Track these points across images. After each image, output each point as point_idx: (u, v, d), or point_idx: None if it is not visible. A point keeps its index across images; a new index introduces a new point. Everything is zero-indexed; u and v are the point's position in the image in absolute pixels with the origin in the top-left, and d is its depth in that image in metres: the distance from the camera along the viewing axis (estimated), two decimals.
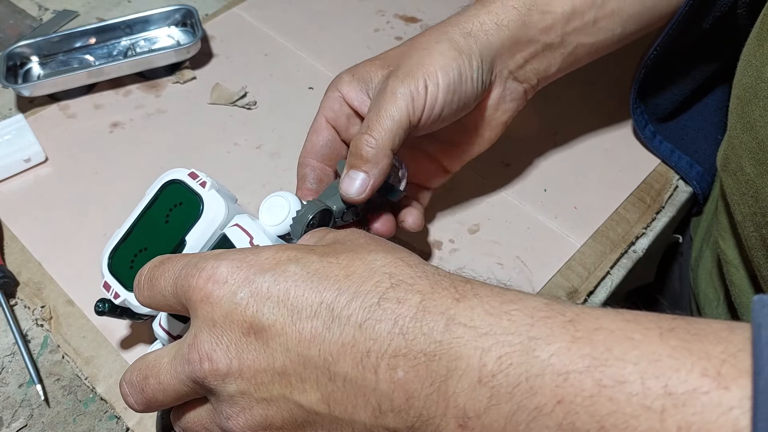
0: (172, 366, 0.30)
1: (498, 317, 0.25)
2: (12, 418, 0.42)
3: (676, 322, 0.23)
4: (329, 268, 0.28)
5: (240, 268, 0.29)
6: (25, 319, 0.47)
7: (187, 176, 0.38)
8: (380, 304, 0.26)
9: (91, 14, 0.69)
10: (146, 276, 0.32)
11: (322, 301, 0.27)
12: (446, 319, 0.25)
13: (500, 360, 0.24)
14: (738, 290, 0.45)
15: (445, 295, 0.26)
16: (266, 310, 0.28)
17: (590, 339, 0.23)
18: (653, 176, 0.55)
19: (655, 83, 0.53)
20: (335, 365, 0.26)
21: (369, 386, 0.26)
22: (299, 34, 0.67)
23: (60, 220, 0.52)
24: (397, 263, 0.28)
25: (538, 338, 0.24)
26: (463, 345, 0.25)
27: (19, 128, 0.56)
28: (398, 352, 0.25)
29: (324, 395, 0.27)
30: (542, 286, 0.48)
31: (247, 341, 0.28)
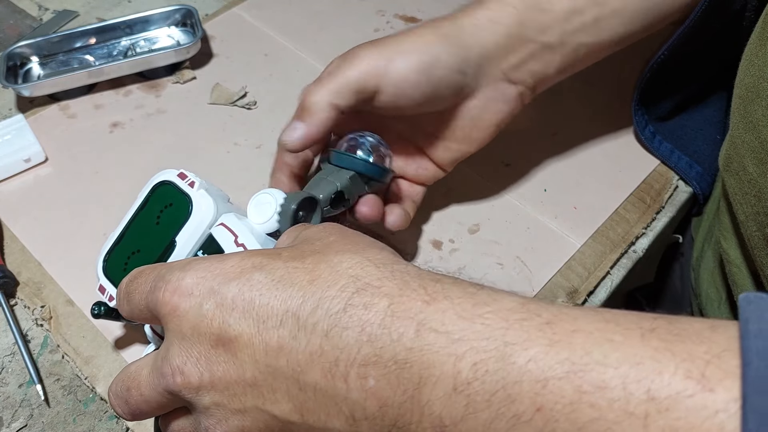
0: (149, 379, 0.30)
1: (471, 321, 0.24)
2: (12, 418, 0.42)
3: (657, 322, 0.22)
4: (294, 274, 0.28)
5: (205, 278, 0.28)
6: (25, 319, 0.47)
7: (176, 177, 0.38)
8: (346, 311, 0.26)
9: (91, 14, 0.69)
10: (124, 291, 0.32)
11: (287, 309, 0.27)
12: (416, 324, 0.25)
13: (475, 367, 0.23)
14: (740, 290, 0.45)
15: (414, 298, 0.26)
16: (232, 321, 0.27)
17: (568, 342, 0.22)
18: (653, 176, 0.55)
19: (658, 85, 0.53)
20: (304, 375, 0.26)
21: (340, 395, 0.25)
22: (299, 34, 0.67)
23: (60, 220, 0.52)
24: (364, 264, 0.27)
25: (514, 343, 0.23)
26: (435, 352, 0.24)
27: (19, 128, 0.56)
28: (368, 361, 0.25)
29: (296, 405, 0.26)
30: (542, 286, 0.48)
31: (216, 353, 0.27)
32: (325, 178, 0.41)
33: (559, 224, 0.52)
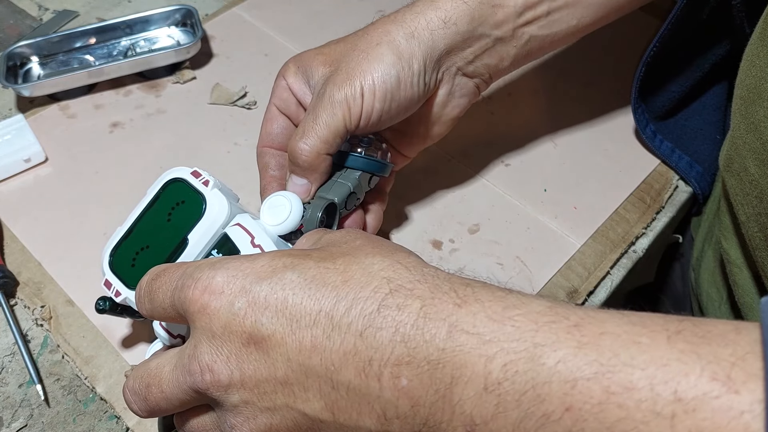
0: (173, 376, 0.30)
1: (501, 323, 0.25)
2: (12, 418, 0.42)
3: (683, 325, 0.23)
4: (326, 274, 0.28)
5: (236, 277, 0.28)
6: (25, 319, 0.47)
7: (189, 175, 0.38)
8: (380, 311, 0.26)
9: (91, 14, 0.69)
10: (145, 289, 0.32)
11: (321, 309, 0.27)
12: (448, 326, 0.25)
13: (506, 368, 0.24)
14: (741, 290, 0.45)
15: (445, 300, 0.26)
16: (265, 320, 0.27)
17: (596, 344, 0.23)
18: (653, 176, 0.55)
19: (655, 80, 0.53)
20: (338, 374, 0.26)
21: (373, 394, 0.26)
22: (299, 34, 0.67)
23: (60, 220, 0.52)
24: (395, 267, 0.28)
25: (544, 345, 0.24)
26: (467, 352, 0.24)
27: (19, 128, 0.56)
28: (401, 360, 0.25)
29: (328, 403, 0.27)
30: (542, 286, 0.48)
31: (248, 351, 0.27)
32: (336, 180, 0.42)
33: (559, 224, 0.52)
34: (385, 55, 0.40)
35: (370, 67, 0.40)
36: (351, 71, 0.40)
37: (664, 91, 0.54)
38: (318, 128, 0.39)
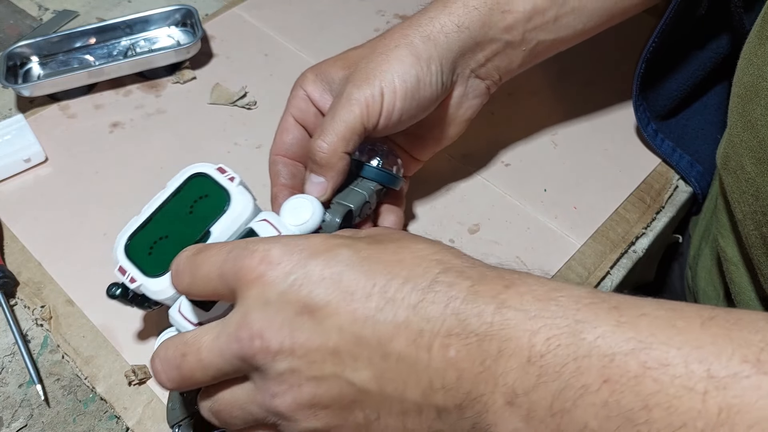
0: (215, 344, 0.30)
1: (546, 302, 0.26)
2: (12, 418, 0.42)
3: (716, 311, 0.24)
4: (379, 254, 0.29)
5: (292, 252, 0.29)
6: (25, 319, 0.47)
7: (215, 170, 0.39)
8: (432, 287, 0.27)
9: (91, 14, 0.70)
10: (186, 262, 0.32)
11: (375, 283, 0.28)
12: (497, 303, 0.26)
13: (548, 341, 0.25)
14: (738, 288, 0.45)
15: (494, 281, 0.27)
16: (320, 291, 0.28)
17: (635, 324, 0.24)
18: (653, 176, 0.55)
19: (655, 78, 0.53)
20: (389, 344, 0.27)
21: (422, 364, 0.27)
22: (299, 34, 0.67)
23: (60, 220, 0.52)
24: (444, 252, 0.30)
25: (585, 321, 0.25)
26: (513, 327, 0.26)
27: (19, 128, 0.56)
28: (451, 332, 0.26)
29: (376, 374, 0.27)
30: None
31: (301, 320, 0.28)
32: (352, 188, 0.43)
33: (559, 224, 0.52)
34: (404, 56, 0.41)
35: (390, 68, 0.41)
36: (370, 71, 0.41)
37: (664, 89, 0.54)
38: (336, 126, 0.40)
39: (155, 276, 0.37)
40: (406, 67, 0.41)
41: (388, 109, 0.41)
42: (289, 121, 0.45)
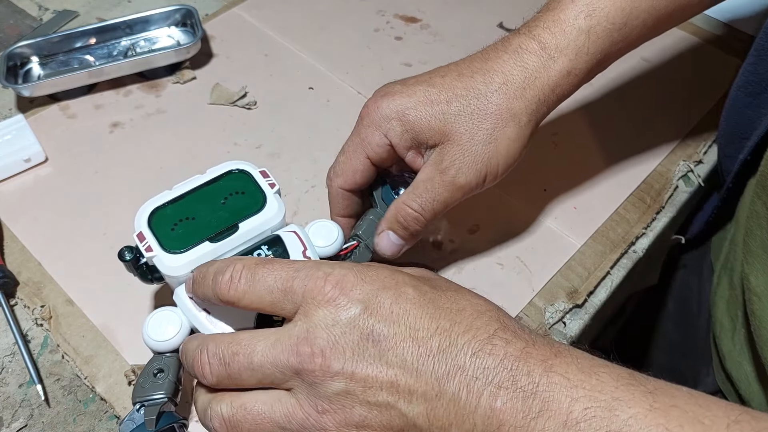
0: (271, 351, 0.31)
1: (588, 375, 0.28)
2: (12, 418, 0.42)
3: (743, 416, 0.26)
4: (441, 300, 0.31)
5: (365, 281, 0.31)
6: (25, 319, 0.47)
7: (258, 172, 0.41)
8: (491, 341, 0.29)
9: (91, 14, 0.70)
10: (245, 271, 0.33)
11: (438, 326, 0.30)
12: (545, 367, 0.28)
13: (586, 411, 0.27)
14: (759, 322, 0.43)
15: (546, 347, 0.30)
16: (387, 323, 0.30)
17: (666, 412, 0.26)
18: (653, 176, 0.55)
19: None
20: (445, 384, 0.29)
21: (470, 408, 0.28)
22: (299, 34, 0.67)
23: (60, 220, 0.52)
24: (499, 311, 0.32)
25: (621, 400, 0.27)
26: (557, 391, 0.28)
27: (19, 128, 0.56)
28: (502, 384, 0.28)
29: (428, 409, 0.29)
30: (542, 286, 0.48)
31: (365, 347, 0.30)
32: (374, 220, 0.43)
33: (559, 224, 0.52)
34: (513, 140, 0.41)
35: (498, 153, 0.40)
36: (478, 157, 0.40)
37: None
38: (437, 206, 0.41)
39: (172, 252, 0.37)
40: (513, 151, 0.41)
41: (486, 186, 0.42)
42: (364, 162, 0.42)
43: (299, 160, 0.56)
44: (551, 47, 0.41)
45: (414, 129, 0.41)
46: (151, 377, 0.37)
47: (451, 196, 0.41)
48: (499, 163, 0.41)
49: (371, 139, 0.42)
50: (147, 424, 0.35)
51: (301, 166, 0.56)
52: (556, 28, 0.41)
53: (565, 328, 0.47)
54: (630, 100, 0.60)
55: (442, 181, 0.40)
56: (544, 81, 0.41)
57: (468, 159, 0.40)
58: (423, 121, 0.40)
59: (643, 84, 0.61)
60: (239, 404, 0.32)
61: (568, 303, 0.47)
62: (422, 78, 0.42)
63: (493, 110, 0.40)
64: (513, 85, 0.40)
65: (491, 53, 0.42)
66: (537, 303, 0.47)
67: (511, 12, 0.69)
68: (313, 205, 0.52)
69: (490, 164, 0.40)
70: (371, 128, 0.42)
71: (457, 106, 0.40)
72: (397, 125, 0.41)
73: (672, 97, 0.61)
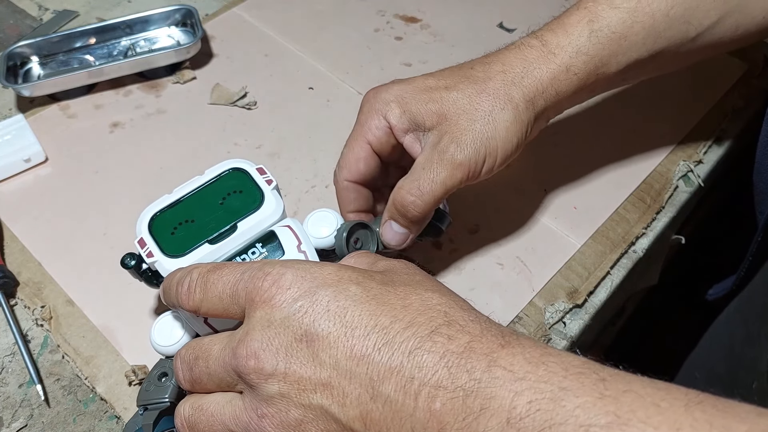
0: (220, 355, 0.31)
1: (536, 365, 0.26)
2: (12, 418, 0.42)
3: (704, 397, 0.24)
4: (387, 296, 0.30)
5: (304, 278, 0.30)
6: (25, 319, 0.47)
7: (254, 170, 0.40)
8: (431, 337, 0.28)
9: (91, 14, 0.70)
10: (199, 280, 0.33)
11: (377, 324, 0.28)
12: (489, 361, 0.27)
13: (530, 404, 0.25)
14: None
15: (491, 340, 0.28)
16: (323, 322, 0.29)
17: (617, 399, 0.24)
18: (653, 176, 0.55)
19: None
20: (379, 385, 0.27)
21: (407, 411, 0.27)
22: (299, 34, 0.67)
23: (60, 220, 0.52)
24: (451, 305, 0.30)
25: (568, 389, 0.25)
26: (499, 386, 0.26)
27: (19, 128, 0.56)
28: (440, 384, 0.26)
29: (363, 413, 0.28)
30: (542, 286, 0.48)
31: (299, 347, 0.29)
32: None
33: (559, 224, 0.52)
34: (510, 123, 0.41)
35: (496, 134, 0.40)
36: (477, 136, 0.40)
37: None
38: (436, 189, 0.40)
39: (172, 256, 0.37)
40: (511, 135, 0.41)
41: (485, 172, 0.41)
42: (365, 149, 0.43)
43: (299, 160, 0.56)
44: (552, 44, 0.42)
45: (412, 110, 0.41)
46: (156, 381, 0.37)
47: (450, 175, 0.40)
48: (498, 146, 0.41)
49: (370, 123, 0.42)
50: (144, 429, 0.35)
51: (301, 166, 0.56)
52: (560, 29, 0.42)
53: (565, 328, 0.47)
54: (630, 100, 0.60)
55: (440, 160, 0.40)
56: (542, 72, 0.41)
57: (467, 137, 0.40)
58: (421, 104, 0.41)
59: (643, 84, 0.61)
60: (198, 405, 0.32)
61: (568, 303, 0.47)
62: (421, 75, 0.43)
63: (491, 93, 0.41)
64: (511, 72, 0.41)
65: (493, 52, 0.44)
66: (537, 303, 0.47)
67: (511, 12, 0.69)
68: (313, 205, 0.52)
69: (489, 144, 0.40)
70: (370, 113, 0.42)
71: (454, 90, 0.41)
72: (396, 107, 0.42)
73: (672, 97, 0.61)
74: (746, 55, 0.63)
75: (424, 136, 0.41)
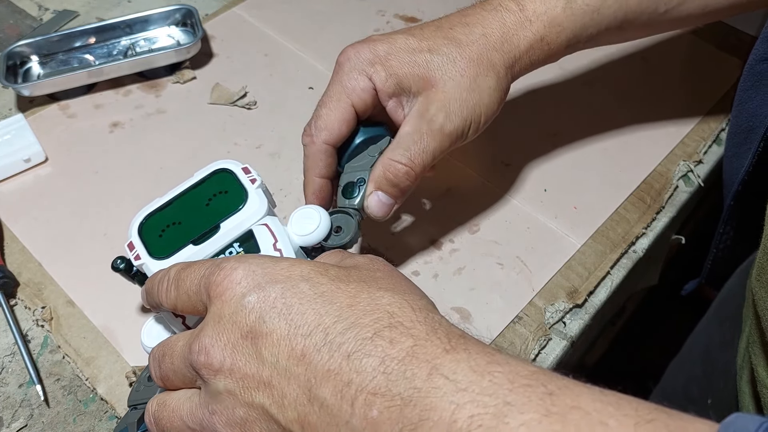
0: (182, 351, 0.31)
1: (480, 375, 0.25)
2: (12, 418, 0.42)
3: (657, 414, 0.23)
4: (336, 294, 0.29)
5: (255, 273, 0.30)
6: (25, 320, 0.47)
7: (239, 169, 0.41)
8: (373, 340, 0.27)
9: (91, 14, 0.69)
10: (173, 278, 0.33)
11: (320, 323, 0.28)
12: (430, 368, 0.25)
13: (471, 419, 0.24)
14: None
15: (436, 344, 0.26)
16: (268, 319, 0.28)
17: (563, 416, 0.23)
18: (653, 176, 0.55)
19: None
20: (317, 388, 0.27)
21: (343, 417, 0.26)
22: (299, 34, 0.67)
23: (60, 220, 0.52)
24: (402, 305, 0.28)
25: (513, 405, 0.24)
26: (440, 397, 0.24)
27: (19, 128, 0.56)
28: (377, 390, 0.25)
29: (300, 416, 0.27)
30: (542, 286, 0.48)
31: (244, 344, 0.28)
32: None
33: (559, 224, 0.52)
34: (493, 90, 0.42)
35: (481, 102, 0.41)
36: (464, 104, 0.41)
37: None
38: (426, 158, 0.40)
39: (159, 258, 0.38)
40: (494, 101, 0.42)
41: (470, 137, 0.42)
42: (349, 111, 0.41)
43: (299, 160, 0.56)
44: (529, 10, 0.43)
45: (398, 74, 0.41)
46: (145, 382, 0.37)
47: (439, 146, 0.40)
48: (482, 113, 0.41)
49: (355, 84, 0.41)
50: (129, 428, 0.35)
51: (300, 166, 0.55)
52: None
53: (565, 327, 0.47)
54: (630, 100, 0.60)
55: (430, 130, 0.40)
56: (520, 39, 0.42)
57: (455, 106, 0.40)
58: (406, 68, 0.41)
59: (643, 84, 0.61)
60: (162, 401, 0.32)
61: (568, 303, 0.47)
62: (400, 31, 0.43)
63: (475, 58, 0.41)
64: (492, 37, 0.42)
65: (470, 11, 0.44)
66: (537, 303, 0.47)
67: None
68: None
69: (474, 113, 0.41)
70: (354, 73, 0.41)
71: (438, 54, 0.41)
72: (381, 69, 0.41)
73: (672, 97, 0.61)
74: (746, 55, 0.63)
75: (408, 101, 0.41)
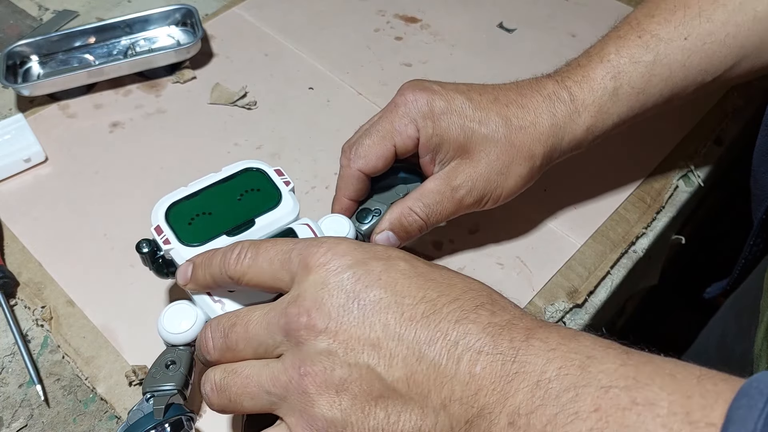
0: (264, 318, 0.32)
1: (569, 339, 0.29)
2: (12, 418, 0.42)
3: (716, 373, 0.26)
4: (432, 274, 0.32)
5: (356, 250, 0.32)
6: (25, 320, 0.47)
7: (273, 171, 0.42)
8: (476, 311, 0.30)
9: (91, 14, 0.69)
10: (252, 246, 0.34)
11: (425, 296, 0.30)
12: (527, 334, 0.29)
13: (559, 369, 0.27)
14: None
15: (530, 320, 0.30)
16: (374, 288, 0.30)
17: (638, 367, 0.26)
18: (653, 176, 0.55)
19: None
20: (426, 348, 0.29)
21: (449, 374, 0.28)
22: (299, 34, 0.67)
23: (60, 220, 0.52)
24: (491, 290, 0.32)
25: (595, 358, 0.27)
26: (534, 354, 0.28)
27: (19, 128, 0.56)
28: (482, 349, 0.28)
29: (408, 374, 0.29)
30: (542, 286, 0.48)
31: (350, 307, 0.30)
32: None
33: (559, 224, 0.52)
34: (522, 177, 0.44)
35: (504, 185, 0.44)
36: (488, 183, 0.43)
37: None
38: (439, 218, 0.44)
39: (190, 245, 0.38)
40: (518, 186, 0.44)
41: (485, 207, 0.45)
42: (390, 150, 0.43)
43: (299, 160, 0.56)
44: (579, 101, 0.44)
45: (442, 135, 0.43)
46: (163, 368, 0.37)
47: (455, 211, 0.44)
48: (502, 194, 0.44)
49: (404, 130, 0.43)
50: (155, 413, 0.35)
51: (301, 166, 0.56)
52: (586, 84, 0.44)
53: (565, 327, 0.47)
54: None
55: (451, 197, 0.43)
56: (566, 132, 0.44)
57: (480, 183, 0.43)
58: (452, 131, 0.43)
59: None
60: (231, 369, 0.33)
61: (568, 303, 0.47)
62: (460, 88, 0.44)
63: (517, 144, 0.43)
64: (540, 127, 0.43)
65: (526, 90, 0.45)
66: (537, 303, 0.47)
67: (511, 12, 0.69)
68: (314, 206, 0.52)
69: (494, 192, 0.44)
70: (406, 119, 0.43)
71: (486, 129, 0.43)
72: (431, 126, 0.43)
73: None
74: None
75: (442, 160, 0.44)
